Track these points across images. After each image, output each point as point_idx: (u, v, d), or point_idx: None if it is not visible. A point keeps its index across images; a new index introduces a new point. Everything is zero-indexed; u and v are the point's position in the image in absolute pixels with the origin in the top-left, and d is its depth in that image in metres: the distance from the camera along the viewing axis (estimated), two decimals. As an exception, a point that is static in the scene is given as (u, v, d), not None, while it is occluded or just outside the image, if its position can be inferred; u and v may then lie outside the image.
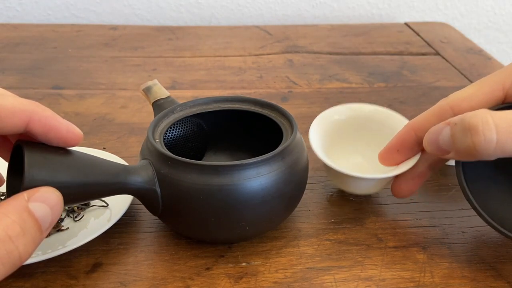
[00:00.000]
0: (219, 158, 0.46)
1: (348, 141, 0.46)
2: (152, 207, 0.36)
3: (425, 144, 0.36)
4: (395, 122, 0.44)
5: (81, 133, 0.31)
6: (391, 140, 0.40)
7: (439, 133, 0.34)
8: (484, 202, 0.35)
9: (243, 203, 0.34)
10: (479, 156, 0.32)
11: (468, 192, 0.35)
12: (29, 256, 0.26)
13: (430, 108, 0.38)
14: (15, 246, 0.25)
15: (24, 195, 0.26)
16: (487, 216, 0.35)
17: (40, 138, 0.30)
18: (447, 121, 0.34)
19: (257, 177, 0.34)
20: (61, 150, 0.31)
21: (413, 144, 0.39)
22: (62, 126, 0.30)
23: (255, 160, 0.33)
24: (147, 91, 0.44)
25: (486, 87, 0.36)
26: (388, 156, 0.40)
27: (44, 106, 0.30)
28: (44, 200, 0.27)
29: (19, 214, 0.25)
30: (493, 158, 0.32)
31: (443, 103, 0.37)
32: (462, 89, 0.37)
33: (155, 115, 0.41)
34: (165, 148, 0.36)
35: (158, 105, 0.42)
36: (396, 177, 0.40)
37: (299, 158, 0.37)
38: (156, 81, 0.45)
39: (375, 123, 0.45)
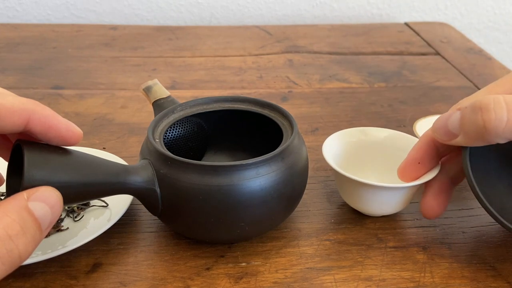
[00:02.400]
0: (219, 158, 0.46)
1: (361, 164, 0.44)
2: (151, 207, 0.36)
3: (434, 129, 0.35)
4: (410, 145, 0.41)
5: (81, 132, 0.31)
6: (410, 153, 0.38)
7: (448, 117, 0.33)
8: (487, 191, 0.35)
9: (242, 203, 0.33)
10: (488, 137, 0.31)
11: (472, 178, 0.34)
12: (29, 255, 0.26)
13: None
14: (15, 245, 0.25)
15: (23, 195, 0.26)
16: (488, 204, 0.34)
17: (39, 137, 0.30)
18: (458, 106, 0.33)
19: (257, 177, 0.34)
20: (61, 150, 0.30)
21: (434, 154, 0.38)
22: (61, 125, 0.30)
23: (254, 161, 0.33)
24: (147, 90, 0.44)
25: (498, 88, 0.35)
26: (409, 170, 0.38)
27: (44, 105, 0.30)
28: (44, 200, 0.27)
29: (19, 213, 0.25)
30: (502, 140, 0.31)
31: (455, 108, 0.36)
32: (472, 95, 0.37)
33: (155, 115, 0.41)
34: (165, 148, 0.36)
35: (158, 105, 0.42)
36: (423, 196, 0.39)
37: (299, 159, 0.37)
38: (156, 80, 0.45)
39: (389, 148, 0.44)
